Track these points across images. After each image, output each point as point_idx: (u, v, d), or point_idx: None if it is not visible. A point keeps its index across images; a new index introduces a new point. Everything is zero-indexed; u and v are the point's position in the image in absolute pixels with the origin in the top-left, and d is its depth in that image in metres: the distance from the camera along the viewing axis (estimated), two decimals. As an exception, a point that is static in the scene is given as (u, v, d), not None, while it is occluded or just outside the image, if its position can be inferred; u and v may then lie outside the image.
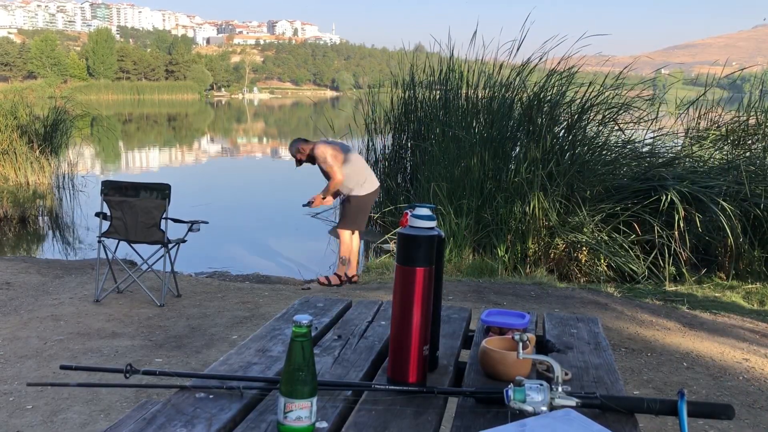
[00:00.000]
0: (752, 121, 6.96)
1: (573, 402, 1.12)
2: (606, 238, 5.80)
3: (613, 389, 1.26)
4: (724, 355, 3.69)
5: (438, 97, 8.07)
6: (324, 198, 5.42)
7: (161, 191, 4.50)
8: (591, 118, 6.82)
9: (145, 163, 16.66)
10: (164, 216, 4.52)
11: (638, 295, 5.12)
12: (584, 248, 5.81)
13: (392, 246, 6.49)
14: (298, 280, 5.75)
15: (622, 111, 6.85)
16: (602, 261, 5.74)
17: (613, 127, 6.85)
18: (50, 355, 3.47)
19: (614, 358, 1.45)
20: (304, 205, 5.51)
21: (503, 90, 7.15)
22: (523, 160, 6.33)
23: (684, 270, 5.70)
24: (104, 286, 4.61)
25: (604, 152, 6.82)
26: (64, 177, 10.41)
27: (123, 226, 4.53)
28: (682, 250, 5.72)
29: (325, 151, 5.26)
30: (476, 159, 6.43)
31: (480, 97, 7.44)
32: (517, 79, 7.14)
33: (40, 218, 8.42)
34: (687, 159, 6.84)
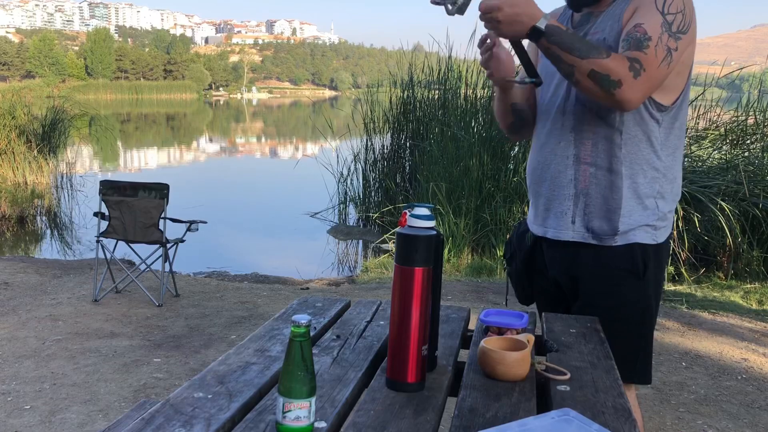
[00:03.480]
0: (751, 120, 6.96)
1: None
2: (605, 237, 5.79)
3: (612, 389, 1.25)
4: (723, 354, 3.69)
5: (437, 96, 8.07)
6: None
7: (160, 191, 4.50)
8: (590, 117, 6.81)
9: (143, 162, 16.65)
10: (163, 216, 4.52)
11: (637, 294, 5.11)
12: (583, 248, 5.80)
13: (391, 246, 6.50)
14: (296, 280, 5.74)
15: (620, 110, 6.84)
16: (601, 261, 5.73)
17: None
18: (48, 355, 3.47)
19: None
20: None
21: (502, 89, 7.14)
22: (522, 160, 6.33)
23: (683, 270, 5.71)
24: (102, 286, 4.60)
25: (602, 152, 6.81)
26: (62, 177, 10.40)
27: (121, 226, 4.53)
28: (680, 250, 5.72)
29: None
30: (475, 159, 6.43)
31: (479, 96, 7.44)
32: (516, 78, 7.13)
33: (38, 218, 8.41)
34: (685, 159, 6.85)
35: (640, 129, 1.54)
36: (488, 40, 1.60)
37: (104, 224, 4.58)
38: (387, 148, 8.44)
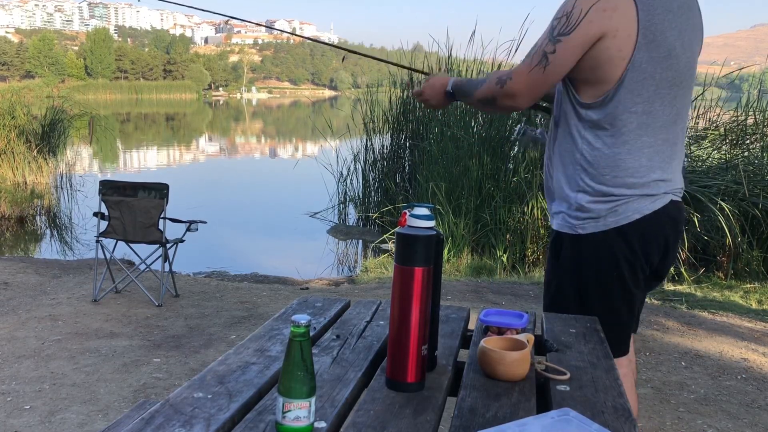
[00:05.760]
0: (750, 120, 6.96)
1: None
2: (604, 237, 5.78)
3: (611, 389, 1.25)
4: (723, 354, 3.69)
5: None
6: None
7: (159, 191, 4.50)
8: (589, 117, 6.81)
9: (143, 162, 16.64)
10: (162, 216, 4.52)
11: (637, 294, 5.11)
12: (583, 248, 5.80)
13: (391, 246, 6.50)
14: (296, 280, 5.75)
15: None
16: (601, 260, 5.72)
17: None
18: (48, 355, 3.47)
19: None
20: None
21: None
22: (522, 161, 6.33)
23: (683, 269, 5.71)
24: (102, 286, 4.60)
25: (602, 152, 6.80)
26: (62, 177, 10.40)
27: (121, 226, 4.53)
28: (680, 250, 5.72)
29: None
30: (475, 159, 6.43)
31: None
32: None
33: (38, 218, 8.41)
34: (685, 158, 6.84)
35: (567, 125, 1.66)
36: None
37: (104, 224, 4.58)
38: (387, 148, 8.44)
